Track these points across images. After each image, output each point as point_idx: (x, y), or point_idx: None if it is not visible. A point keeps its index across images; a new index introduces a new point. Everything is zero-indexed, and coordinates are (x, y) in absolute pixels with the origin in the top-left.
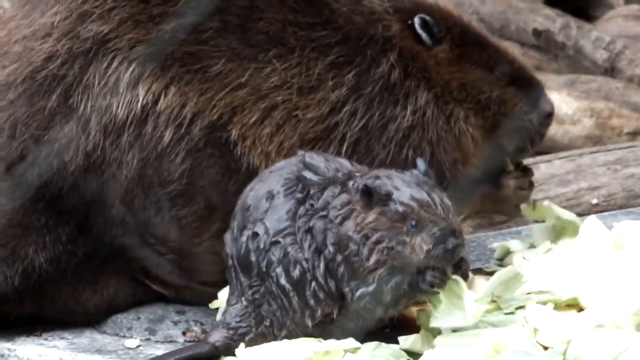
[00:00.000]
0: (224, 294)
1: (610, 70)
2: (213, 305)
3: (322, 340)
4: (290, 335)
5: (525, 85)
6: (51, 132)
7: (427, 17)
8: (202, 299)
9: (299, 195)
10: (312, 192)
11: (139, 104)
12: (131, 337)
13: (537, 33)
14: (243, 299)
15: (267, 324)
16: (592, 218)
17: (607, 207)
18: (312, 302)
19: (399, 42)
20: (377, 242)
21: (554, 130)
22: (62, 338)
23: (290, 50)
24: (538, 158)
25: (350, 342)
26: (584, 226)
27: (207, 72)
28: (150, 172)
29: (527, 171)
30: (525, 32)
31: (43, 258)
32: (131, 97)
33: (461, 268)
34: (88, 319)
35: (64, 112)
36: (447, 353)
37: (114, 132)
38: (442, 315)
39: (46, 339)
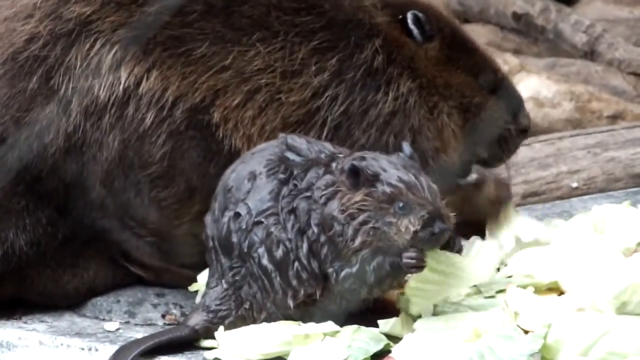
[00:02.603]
0: (203, 276)
1: (590, 54)
2: (192, 288)
3: (301, 323)
4: (269, 318)
5: (506, 96)
6: (32, 113)
7: (420, 14)
8: (181, 282)
9: (281, 176)
10: (295, 172)
11: (121, 87)
12: (111, 320)
13: (516, 16)
14: (223, 281)
15: (247, 306)
16: (581, 216)
17: (587, 190)
18: (294, 282)
19: (385, 29)
20: (363, 222)
21: (534, 114)
22: (42, 321)
23: (274, 34)
24: None
25: (330, 325)
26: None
27: (190, 56)
28: (130, 154)
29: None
30: (505, 15)
31: (23, 241)
32: (113, 80)
33: (451, 248)
34: (68, 302)
35: (45, 94)
36: (427, 337)
37: (95, 113)
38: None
39: (26, 322)
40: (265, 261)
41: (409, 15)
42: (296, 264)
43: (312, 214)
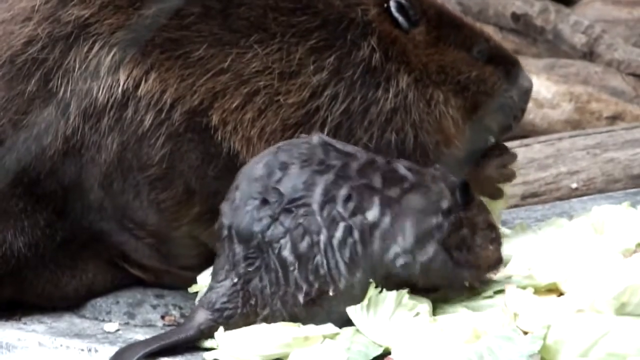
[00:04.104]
0: (203, 278)
1: (589, 55)
2: (192, 289)
3: (301, 325)
4: (271, 316)
5: (503, 63)
6: (30, 116)
7: (403, 0)
8: (180, 283)
9: (316, 167)
10: (334, 163)
11: (120, 89)
12: (110, 321)
13: (515, 17)
14: (233, 273)
15: (252, 302)
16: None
17: (587, 191)
18: (311, 277)
19: (378, 26)
20: (492, 240)
21: (533, 115)
22: (41, 322)
23: (271, 36)
24: (517, 142)
25: (329, 327)
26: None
27: (189, 58)
28: (129, 156)
29: (508, 151)
30: (504, 16)
31: (21, 243)
32: (112, 82)
33: None
34: (67, 303)
35: (44, 96)
36: (427, 338)
37: (93, 116)
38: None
39: (25, 324)
40: (286, 252)
41: (392, 4)
42: (317, 257)
43: (374, 198)
